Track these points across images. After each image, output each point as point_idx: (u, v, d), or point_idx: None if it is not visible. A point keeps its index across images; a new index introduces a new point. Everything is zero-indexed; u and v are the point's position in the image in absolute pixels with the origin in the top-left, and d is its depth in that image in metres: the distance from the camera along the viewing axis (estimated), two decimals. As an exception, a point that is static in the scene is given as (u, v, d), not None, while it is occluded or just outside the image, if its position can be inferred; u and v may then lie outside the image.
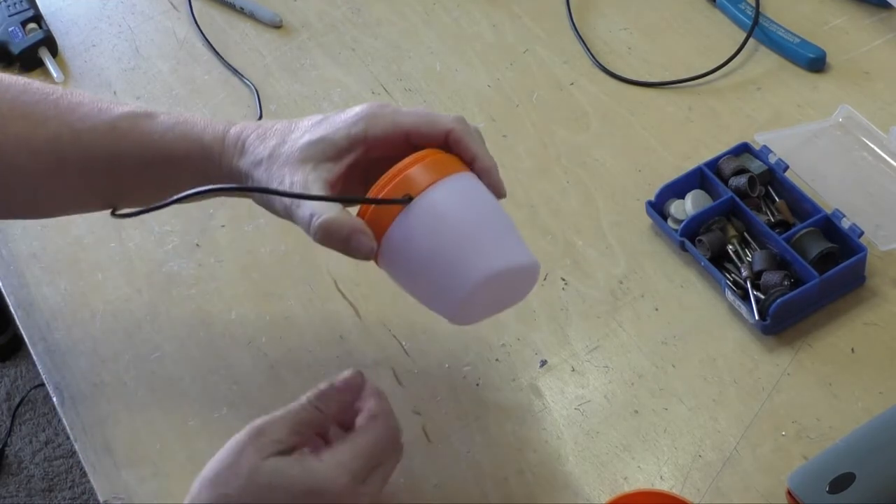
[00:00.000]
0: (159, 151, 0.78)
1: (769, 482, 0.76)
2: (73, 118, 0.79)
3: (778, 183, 0.90)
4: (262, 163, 0.74)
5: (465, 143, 0.73)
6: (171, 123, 0.79)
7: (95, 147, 0.78)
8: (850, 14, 1.07)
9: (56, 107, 0.79)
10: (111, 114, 0.79)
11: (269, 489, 0.66)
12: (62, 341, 0.92)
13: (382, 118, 0.73)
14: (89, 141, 0.78)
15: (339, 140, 0.72)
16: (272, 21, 1.17)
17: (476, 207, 0.70)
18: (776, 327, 0.83)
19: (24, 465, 1.93)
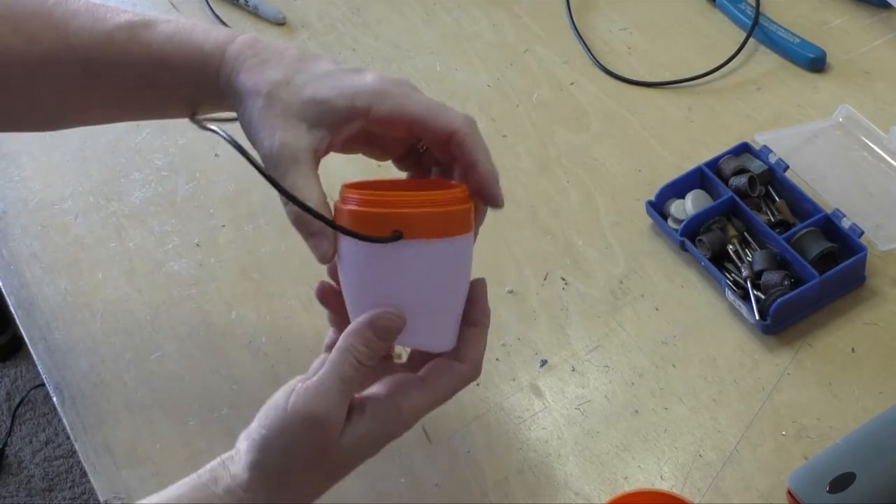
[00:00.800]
0: (157, 62, 0.74)
1: (769, 482, 0.76)
2: (69, 31, 0.75)
3: (778, 183, 0.90)
4: (258, 96, 0.69)
5: (467, 148, 0.69)
6: (169, 32, 0.74)
7: (93, 60, 0.75)
8: (850, 14, 1.07)
9: (51, 17, 0.76)
10: (107, 24, 0.75)
11: (354, 456, 0.66)
12: (62, 341, 0.92)
13: (391, 99, 0.68)
14: (85, 54, 0.75)
15: (340, 108, 0.67)
16: (275, 18, 1.17)
17: (437, 284, 0.66)
18: (776, 327, 0.83)
19: (24, 465, 1.93)
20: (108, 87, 0.76)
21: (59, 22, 0.75)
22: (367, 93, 0.68)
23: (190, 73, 0.72)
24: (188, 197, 1.01)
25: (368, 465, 0.80)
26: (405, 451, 0.81)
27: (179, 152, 1.06)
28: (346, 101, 0.67)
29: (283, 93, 0.68)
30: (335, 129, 0.68)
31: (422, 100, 0.69)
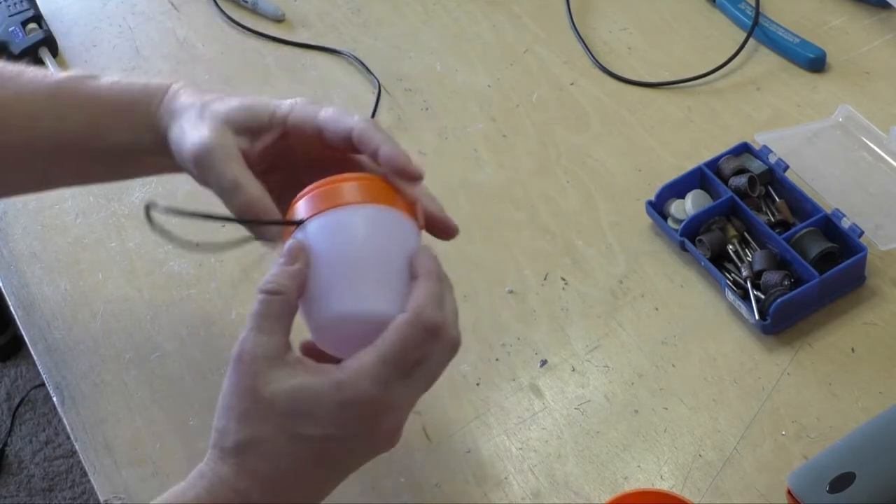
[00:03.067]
0: (104, 105, 0.77)
1: (769, 482, 0.76)
2: (15, 85, 0.78)
3: (778, 183, 0.90)
4: (192, 108, 0.74)
5: (366, 138, 0.70)
6: (114, 79, 0.79)
7: (39, 110, 0.78)
8: (850, 14, 1.07)
9: (3, 71, 0.79)
10: (54, 78, 0.79)
11: (296, 417, 0.62)
12: (62, 341, 0.92)
13: (303, 110, 0.74)
14: (32, 104, 0.78)
15: (262, 115, 0.73)
16: (275, 15, 1.17)
17: (351, 247, 0.66)
18: (776, 327, 0.83)
19: (24, 465, 1.93)
20: (51, 137, 0.78)
21: (6, 79, 0.79)
22: (285, 105, 0.74)
23: (134, 110, 0.77)
24: (188, 197, 1.01)
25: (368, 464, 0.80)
26: (405, 451, 0.81)
27: (179, 152, 1.06)
28: (268, 110, 0.74)
29: (213, 104, 0.74)
30: (257, 135, 0.73)
31: (328, 110, 0.73)
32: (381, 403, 0.63)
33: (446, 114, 1.05)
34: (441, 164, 1.00)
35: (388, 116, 1.05)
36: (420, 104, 1.06)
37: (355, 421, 0.63)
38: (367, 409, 0.63)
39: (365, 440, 0.65)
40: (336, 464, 0.66)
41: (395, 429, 0.66)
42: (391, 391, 0.63)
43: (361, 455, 0.67)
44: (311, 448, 0.63)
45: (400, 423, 0.66)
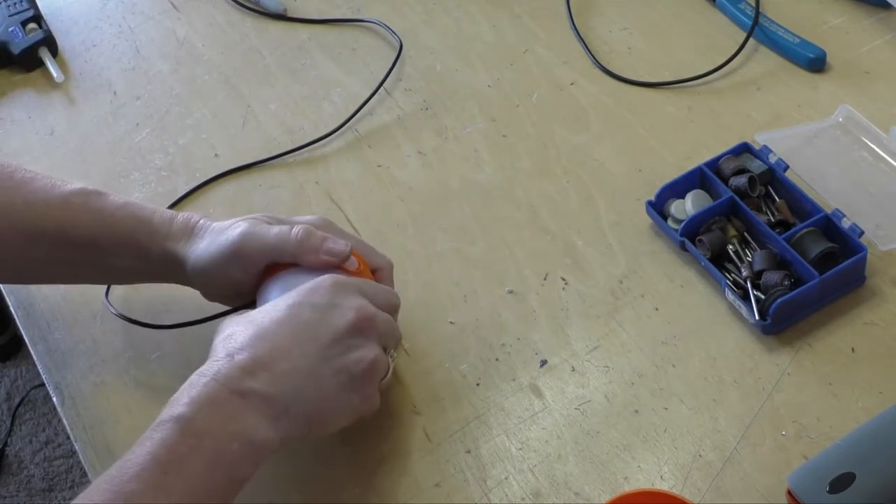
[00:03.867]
0: (107, 227, 0.83)
1: (769, 482, 0.76)
2: (27, 190, 0.83)
3: (778, 183, 0.90)
4: (210, 233, 0.82)
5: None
6: (121, 203, 0.84)
7: (47, 218, 0.82)
8: (850, 14, 1.07)
9: (11, 179, 0.83)
10: (63, 189, 0.84)
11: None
12: (62, 341, 0.92)
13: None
14: (42, 212, 0.82)
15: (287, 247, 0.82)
16: (276, 9, 1.17)
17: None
18: (776, 327, 0.83)
19: (24, 465, 1.93)
20: (52, 247, 0.83)
21: (19, 182, 0.83)
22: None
23: (134, 239, 0.83)
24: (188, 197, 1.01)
25: (368, 464, 0.80)
26: (405, 451, 0.81)
27: (179, 152, 1.06)
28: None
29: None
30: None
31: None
32: (344, 282, 0.76)
33: (446, 114, 1.05)
34: (441, 164, 1.00)
35: (387, 116, 1.05)
36: (420, 104, 1.06)
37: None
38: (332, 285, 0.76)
39: (334, 307, 0.75)
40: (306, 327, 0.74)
41: (361, 307, 0.75)
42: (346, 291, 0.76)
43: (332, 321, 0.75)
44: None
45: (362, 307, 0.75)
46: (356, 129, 1.05)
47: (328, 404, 0.74)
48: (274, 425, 0.70)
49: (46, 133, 1.10)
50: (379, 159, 1.02)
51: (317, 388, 0.73)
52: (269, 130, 1.06)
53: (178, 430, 0.67)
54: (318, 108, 1.07)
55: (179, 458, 0.66)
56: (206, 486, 0.67)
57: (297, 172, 1.02)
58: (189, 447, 0.67)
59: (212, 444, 0.68)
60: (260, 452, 0.70)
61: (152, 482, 0.65)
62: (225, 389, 0.69)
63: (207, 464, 0.67)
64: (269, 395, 0.70)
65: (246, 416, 0.69)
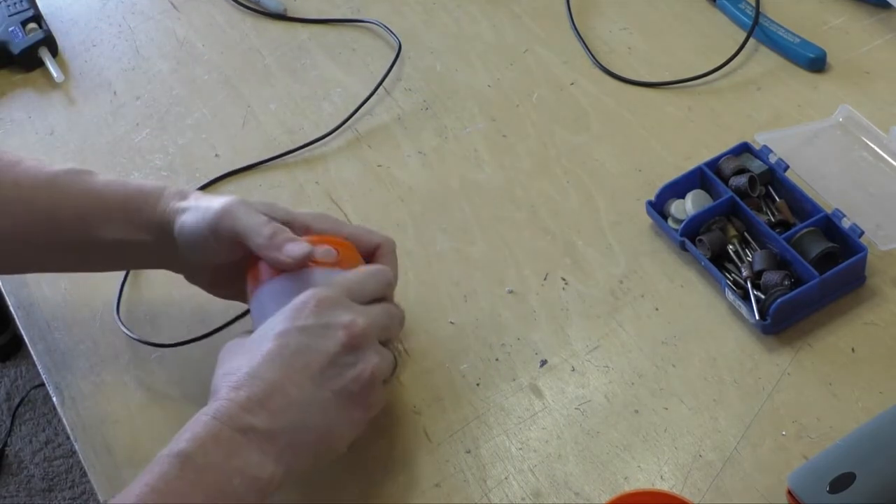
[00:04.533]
0: (97, 201, 0.82)
1: (769, 482, 0.76)
2: (15, 171, 0.83)
3: (778, 183, 0.90)
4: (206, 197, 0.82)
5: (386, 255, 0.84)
6: (110, 178, 0.84)
7: (35, 198, 0.82)
8: (850, 14, 1.07)
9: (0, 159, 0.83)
10: (51, 169, 0.84)
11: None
12: (62, 341, 0.92)
13: (326, 223, 0.82)
14: (31, 194, 0.82)
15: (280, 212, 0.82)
16: (276, 9, 1.17)
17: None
18: (776, 327, 0.83)
19: (24, 465, 1.93)
20: (46, 226, 0.83)
21: (6, 165, 0.83)
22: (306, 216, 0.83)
23: (126, 207, 0.82)
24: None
25: (368, 464, 0.80)
26: (405, 450, 0.81)
27: (179, 152, 1.06)
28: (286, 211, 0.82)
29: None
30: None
31: (352, 226, 0.84)
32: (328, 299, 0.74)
33: (446, 114, 1.05)
34: (441, 164, 1.00)
35: (387, 116, 1.05)
36: (420, 104, 1.06)
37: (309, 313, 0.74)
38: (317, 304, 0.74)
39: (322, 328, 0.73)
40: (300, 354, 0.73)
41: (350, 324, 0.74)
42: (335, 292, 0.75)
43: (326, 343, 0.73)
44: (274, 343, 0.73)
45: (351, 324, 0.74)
46: (356, 129, 1.05)
47: (332, 428, 0.73)
48: (278, 461, 0.70)
49: (46, 133, 1.10)
50: (379, 159, 1.02)
51: (318, 415, 0.72)
52: (269, 130, 1.06)
53: (177, 464, 0.67)
54: (318, 108, 1.07)
55: (178, 492, 0.66)
56: None
57: (297, 172, 1.02)
58: (189, 482, 0.66)
59: (213, 478, 0.67)
60: (263, 488, 0.69)
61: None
62: (226, 428, 0.69)
63: (208, 497, 0.67)
64: (269, 432, 0.69)
65: (248, 452, 0.69)
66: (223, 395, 0.70)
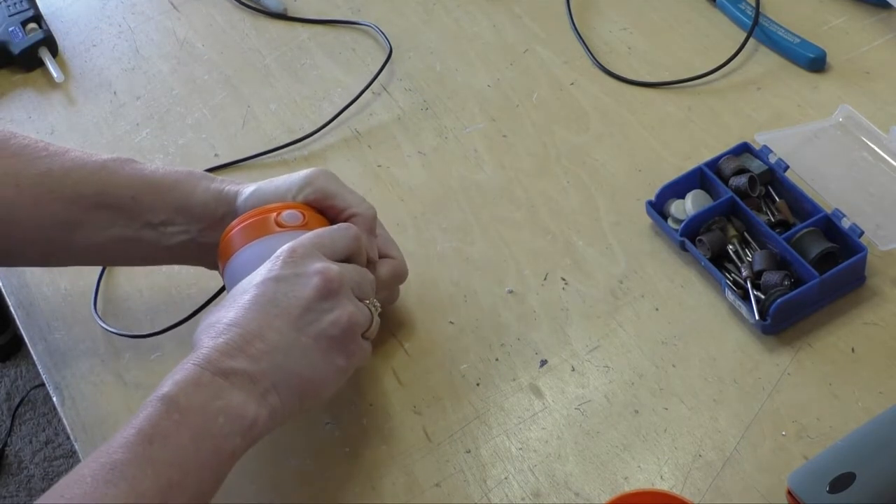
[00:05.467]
0: (149, 184, 0.84)
1: (769, 482, 0.76)
2: (64, 159, 0.84)
3: (778, 183, 0.90)
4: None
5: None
6: (158, 165, 0.86)
7: (84, 182, 0.83)
8: (850, 14, 1.07)
9: (46, 150, 0.84)
10: (101, 157, 0.85)
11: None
12: (62, 341, 0.92)
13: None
14: (78, 177, 0.83)
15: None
16: (277, 8, 1.17)
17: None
18: (776, 327, 0.83)
19: (24, 465, 1.93)
20: (91, 208, 0.83)
21: (55, 152, 0.84)
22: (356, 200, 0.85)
23: (177, 189, 0.84)
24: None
25: (368, 464, 0.80)
26: (405, 451, 0.81)
27: (179, 152, 1.06)
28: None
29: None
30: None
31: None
32: (301, 248, 0.76)
33: (446, 114, 1.05)
34: (441, 164, 1.00)
35: (388, 116, 1.05)
36: (420, 104, 1.06)
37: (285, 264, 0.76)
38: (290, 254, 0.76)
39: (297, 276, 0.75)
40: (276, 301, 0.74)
41: (324, 269, 0.75)
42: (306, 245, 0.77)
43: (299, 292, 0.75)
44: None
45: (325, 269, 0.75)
46: (356, 129, 1.05)
47: (315, 373, 0.74)
48: (261, 401, 0.71)
49: (46, 133, 1.10)
50: (379, 159, 1.02)
51: (299, 359, 0.73)
52: (269, 130, 1.06)
53: (162, 407, 0.68)
54: (319, 109, 1.07)
55: (164, 431, 0.67)
56: (192, 459, 0.68)
57: (297, 172, 1.02)
58: (174, 422, 0.68)
59: (197, 419, 0.69)
60: (250, 428, 0.70)
61: (138, 452, 0.66)
62: (207, 372, 0.70)
63: (194, 437, 0.68)
64: (252, 374, 0.71)
65: (230, 393, 0.70)
66: (204, 344, 0.72)
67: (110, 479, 0.65)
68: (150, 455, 0.66)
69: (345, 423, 0.83)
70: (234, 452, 0.70)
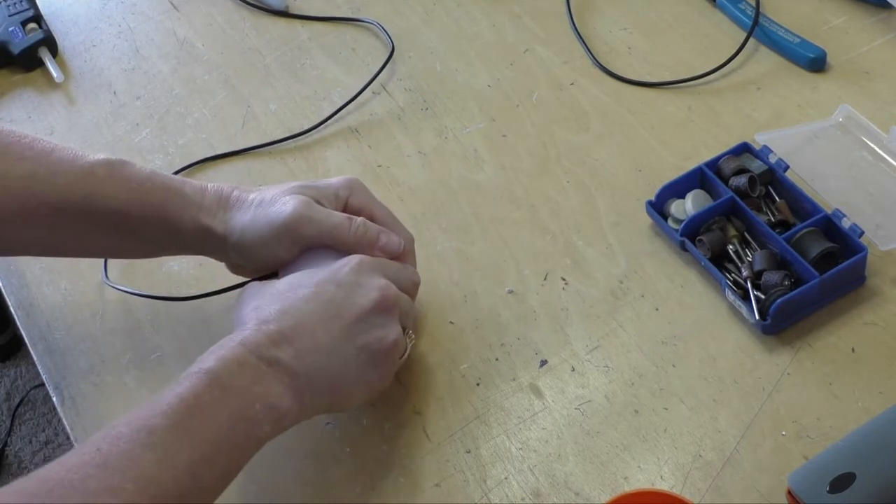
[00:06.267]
0: (136, 198, 0.82)
1: (769, 482, 0.76)
2: (50, 160, 0.82)
3: (778, 183, 0.90)
4: (258, 196, 0.82)
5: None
6: (148, 173, 0.83)
7: (71, 189, 0.81)
8: (850, 14, 1.07)
9: (31, 148, 0.82)
10: (87, 159, 0.82)
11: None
12: (62, 341, 0.92)
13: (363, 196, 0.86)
14: (65, 182, 0.81)
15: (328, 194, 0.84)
16: (279, 5, 1.17)
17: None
18: (776, 327, 0.83)
19: (24, 465, 1.93)
20: (78, 218, 0.81)
21: (40, 152, 0.82)
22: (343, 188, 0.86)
23: (165, 211, 0.82)
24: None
25: (368, 464, 0.80)
26: (405, 451, 0.81)
27: (179, 152, 1.06)
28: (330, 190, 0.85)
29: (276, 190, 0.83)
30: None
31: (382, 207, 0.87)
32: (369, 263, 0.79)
33: (446, 114, 1.05)
34: (441, 164, 1.00)
35: (388, 117, 1.05)
36: (420, 104, 1.06)
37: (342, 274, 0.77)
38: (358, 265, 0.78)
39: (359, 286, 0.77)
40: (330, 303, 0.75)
41: (385, 286, 0.77)
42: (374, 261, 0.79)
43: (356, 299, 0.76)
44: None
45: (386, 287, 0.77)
46: (356, 129, 1.05)
47: (349, 381, 0.75)
48: (296, 397, 0.72)
49: (46, 133, 1.10)
50: (379, 159, 1.02)
51: (339, 364, 0.74)
52: (269, 130, 1.06)
53: (206, 380, 0.69)
54: (319, 108, 1.07)
55: (205, 405, 0.68)
56: (225, 438, 0.69)
57: (298, 173, 1.02)
58: (214, 398, 0.69)
59: (236, 400, 0.69)
60: (280, 419, 0.71)
61: (177, 421, 0.67)
62: (252, 355, 0.71)
63: (230, 416, 0.69)
64: (293, 369, 0.72)
65: (270, 382, 0.71)
66: (252, 326, 0.73)
67: (147, 443, 0.66)
68: (188, 426, 0.67)
69: (345, 423, 0.83)
70: (261, 439, 0.71)
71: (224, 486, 0.70)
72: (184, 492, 0.66)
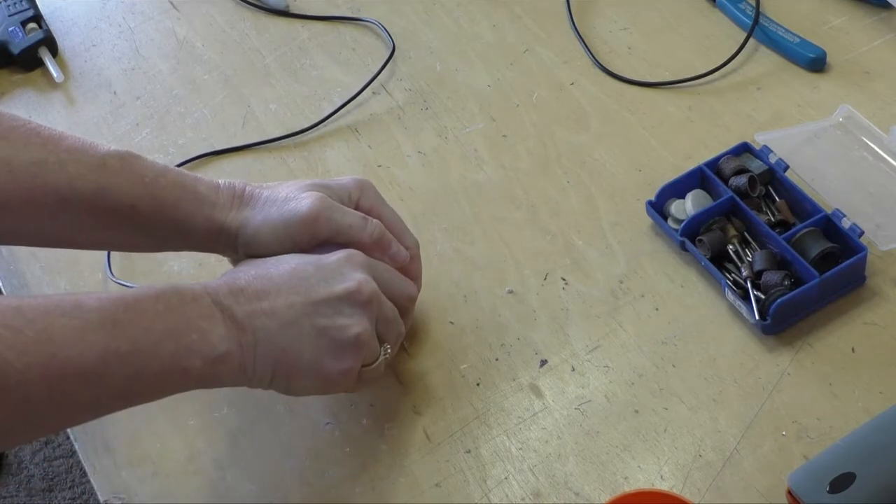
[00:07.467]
0: (149, 193, 0.80)
1: (769, 482, 0.76)
2: (59, 147, 0.78)
3: (778, 183, 0.90)
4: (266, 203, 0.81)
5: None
6: (161, 168, 0.81)
7: (82, 180, 0.78)
8: (850, 14, 1.07)
9: (38, 135, 0.78)
10: (99, 150, 0.79)
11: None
12: (62, 341, 0.92)
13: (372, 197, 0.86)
14: (75, 172, 0.78)
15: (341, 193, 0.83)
16: (279, 5, 1.17)
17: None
18: (776, 327, 0.83)
19: (24, 465, 1.93)
20: (88, 209, 0.79)
21: (48, 139, 0.78)
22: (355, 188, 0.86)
23: (179, 209, 0.80)
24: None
25: (368, 464, 0.80)
26: (405, 451, 0.81)
27: (179, 152, 1.06)
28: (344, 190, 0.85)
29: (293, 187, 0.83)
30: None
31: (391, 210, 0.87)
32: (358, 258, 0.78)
33: (446, 114, 1.05)
34: (441, 163, 1.00)
35: (388, 117, 1.05)
36: (420, 104, 1.06)
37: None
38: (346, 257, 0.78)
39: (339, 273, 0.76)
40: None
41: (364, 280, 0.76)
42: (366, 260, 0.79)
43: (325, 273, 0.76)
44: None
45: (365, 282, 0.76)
46: (356, 128, 1.05)
47: (300, 361, 0.74)
48: (238, 350, 0.72)
49: (46, 133, 1.10)
50: (379, 159, 1.02)
51: (292, 339, 0.74)
52: (269, 130, 1.06)
53: (154, 294, 0.70)
54: (319, 108, 1.07)
55: (143, 310, 0.69)
56: (151, 349, 0.68)
57: (298, 172, 1.02)
58: (156, 311, 0.69)
59: (176, 320, 0.70)
60: (214, 362, 0.71)
61: (108, 308, 0.68)
62: (208, 297, 0.72)
63: (164, 332, 0.69)
64: (242, 323, 0.72)
65: (217, 323, 0.71)
66: (222, 280, 0.74)
67: (68, 311, 0.66)
68: (119, 319, 0.68)
69: (345, 423, 0.83)
70: (187, 372, 0.70)
71: (124, 405, 0.70)
72: (86, 372, 0.65)
